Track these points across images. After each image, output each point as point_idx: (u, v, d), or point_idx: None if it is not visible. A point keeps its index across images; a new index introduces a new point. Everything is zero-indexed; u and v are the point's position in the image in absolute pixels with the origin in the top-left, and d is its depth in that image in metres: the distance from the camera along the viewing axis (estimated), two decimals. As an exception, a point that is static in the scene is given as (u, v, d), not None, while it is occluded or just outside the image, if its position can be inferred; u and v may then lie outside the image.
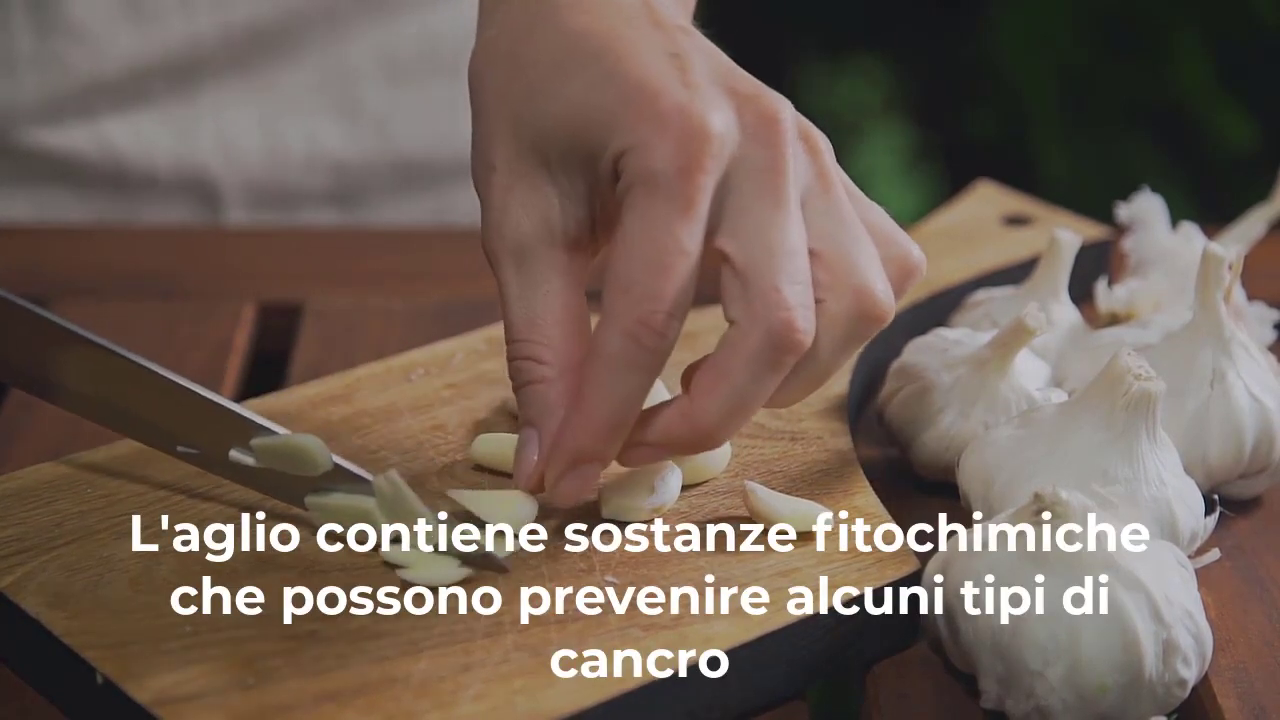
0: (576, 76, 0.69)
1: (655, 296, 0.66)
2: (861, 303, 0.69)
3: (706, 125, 0.67)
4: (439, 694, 0.64)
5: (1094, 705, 0.67)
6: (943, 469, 0.80)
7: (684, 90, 0.67)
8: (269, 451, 0.71)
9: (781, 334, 0.67)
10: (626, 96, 0.67)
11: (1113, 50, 2.06)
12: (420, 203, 1.14)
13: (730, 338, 0.67)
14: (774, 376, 0.68)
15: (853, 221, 0.69)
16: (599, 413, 0.68)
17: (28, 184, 1.08)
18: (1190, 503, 0.74)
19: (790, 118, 0.69)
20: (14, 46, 1.06)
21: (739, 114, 0.68)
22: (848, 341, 0.69)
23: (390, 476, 0.70)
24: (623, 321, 0.66)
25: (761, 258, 0.67)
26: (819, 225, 0.69)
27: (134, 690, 0.64)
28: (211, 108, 1.09)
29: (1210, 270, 0.78)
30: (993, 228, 0.97)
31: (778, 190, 0.68)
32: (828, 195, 0.69)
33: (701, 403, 0.68)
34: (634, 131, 0.67)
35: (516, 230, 0.70)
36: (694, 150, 0.66)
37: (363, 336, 0.93)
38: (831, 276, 0.68)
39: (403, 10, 1.11)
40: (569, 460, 0.69)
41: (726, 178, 0.67)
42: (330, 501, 0.71)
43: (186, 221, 1.11)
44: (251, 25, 1.08)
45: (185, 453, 0.73)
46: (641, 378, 0.67)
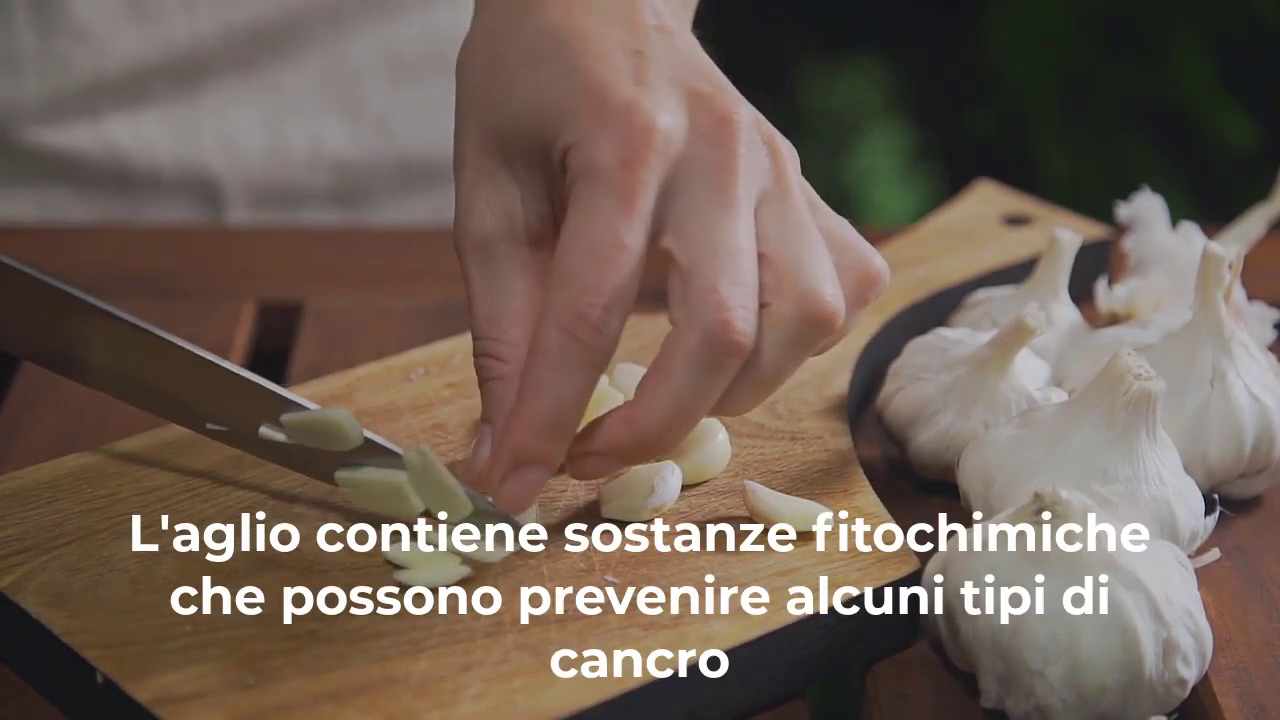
0: (537, 71, 0.69)
1: (592, 289, 0.65)
2: (807, 306, 0.67)
3: (650, 120, 0.66)
4: (439, 693, 0.64)
5: (1094, 705, 0.67)
6: (943, 469, 0.80)
7: (634, 87, 0.67)
8: (299, 427, 0.71)
9: (719, 334, 0.65)
10: (578, 91, 0.67)
11: (1113, 50, 2.06)
12: (422, 202, 1.14)
13: (670, 339, 0.67)
14: (715, 379, 0.66)
15: (806, 227, 0.68)
16: (538, 410, 0.66)
17: (30, 183, 1.08)
18: (1190, 502, 0.74)
19: (746, 118, 0.68)
20: (17, 45, 1.06)
21: (692, 113, 0.67)
22: (794, 346, 0.68)
23: (421, 450, 0.70)
24: (560, 316, 0.65)
25: (704, 258, 0.66)
26: (771, 229, 0.68)
27: (134, 690, 0.64)
28: (214, 107, 1.09)
29: (1210, 270, 0.78)
30: (993, 227, 0.97)
31: (726, 190, 0.67)
32: (783, 200, 0.69)
33: (643, 406, 0.67)
34: (580, 125, 0.67)
35: (481, 227, 0.70)
36: (636, 144, 0.66)
37: (363, 336, 0.93)
38: (778, 280, 0.67)
39: (405, 10, 1.11)
40: (510, 460, 0.67)
41: (675, 177, 0.67)
42: (361, 476, 0.71)
43: (188, 221, 1.11)
44: (254, 25, 1.08)
45: (214, 430, 0.73)
46: (580, 375, 0.66)
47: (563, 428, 0.67)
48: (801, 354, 0.68)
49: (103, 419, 0.85)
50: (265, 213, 1.12)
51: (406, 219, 1.14)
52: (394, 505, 0.71)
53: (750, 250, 0.67)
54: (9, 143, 1.08)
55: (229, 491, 0.74)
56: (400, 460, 0.71)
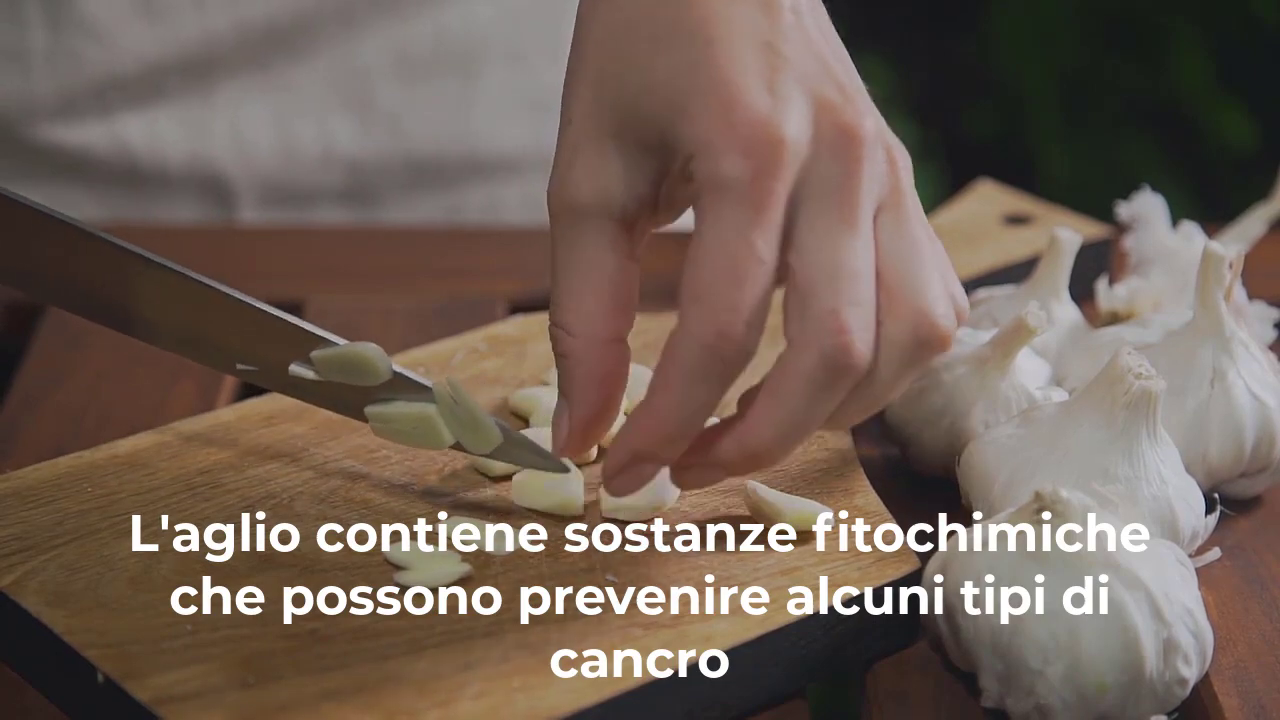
0: (666, 54, 0.67)
1: (733, 307, 0.64)
2: (920, 329, 0.67)
3: (780, 133, 0.65)
4: (439, 693, 0.64)
5: (1094, 704, 0.67)
6: (943, 469, 0.80)
7: (764, 95, 0.65)
8: (329, 363, 0.72)
9: (837, 358, 0.65)
10: (707, 91, 0.66)
11: (1113, 50, 2.06)
12: (432, 201, 1.14)
13: (786, 359, 0.66)
14: (829, 399, 0.66)
15: (919, 241, 0.68)
16: (667, 419, 0.66)
17: (41, 180, 1.08)
18: (1191, 501, 0.74)
19: (871, 130, 0.67)
20: (28, 42, 1.06)
21: (817, 123, 0.66)
22: (906, 366, 0.67)
23: (452, 381, 0.71)
24: (700, 332, 0.65)
25: (823, 279, 0.65)
26: (886, 242, 0.67)
27: (134, 689, 0.64)
28: (226, 105, 1.09)
29: (1211, 269, 0.78)
30: (993, 226, 0.97)
31: (849, 208, 0.66)
32: (898, 211, 0.68)
33: (756, 424, 0.66)
34: (706, 133, 0.65)
35: (576, 193, 0.68)
36: (766, 157, 0.65)
37: (363, 336, 0.93)
38: (891, 299, 0.67)
39: (416, 9, 1.11)
40: (629, 456, 0.67)
41: (799, 189, 0.66)
42: (391, 410, 0.72)
43: (196, 220, 1.11)
44: (266, 23, 1.07)
45: (244, 370, 0.73)
46: (715, 387, 0.66)
47: (688, 436, 0.67)
48: (912, 373, 0.68)
49: (103, 419, 0.85)
50: (275, 211, 1.12)
51: (417, 218, 1.14)
52: (425, 437, 0.72)
53: (869, 270, 0.66)
54: (20, 140, 1.08)
55: (229, 491, 0.74)
56: (430, 394, 0.71)
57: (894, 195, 0.68)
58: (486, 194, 1.15)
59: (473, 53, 1.12)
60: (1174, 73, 2.00)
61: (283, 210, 1.12)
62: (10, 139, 1.07)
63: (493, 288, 0.97)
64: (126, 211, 1.10)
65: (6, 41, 1.05)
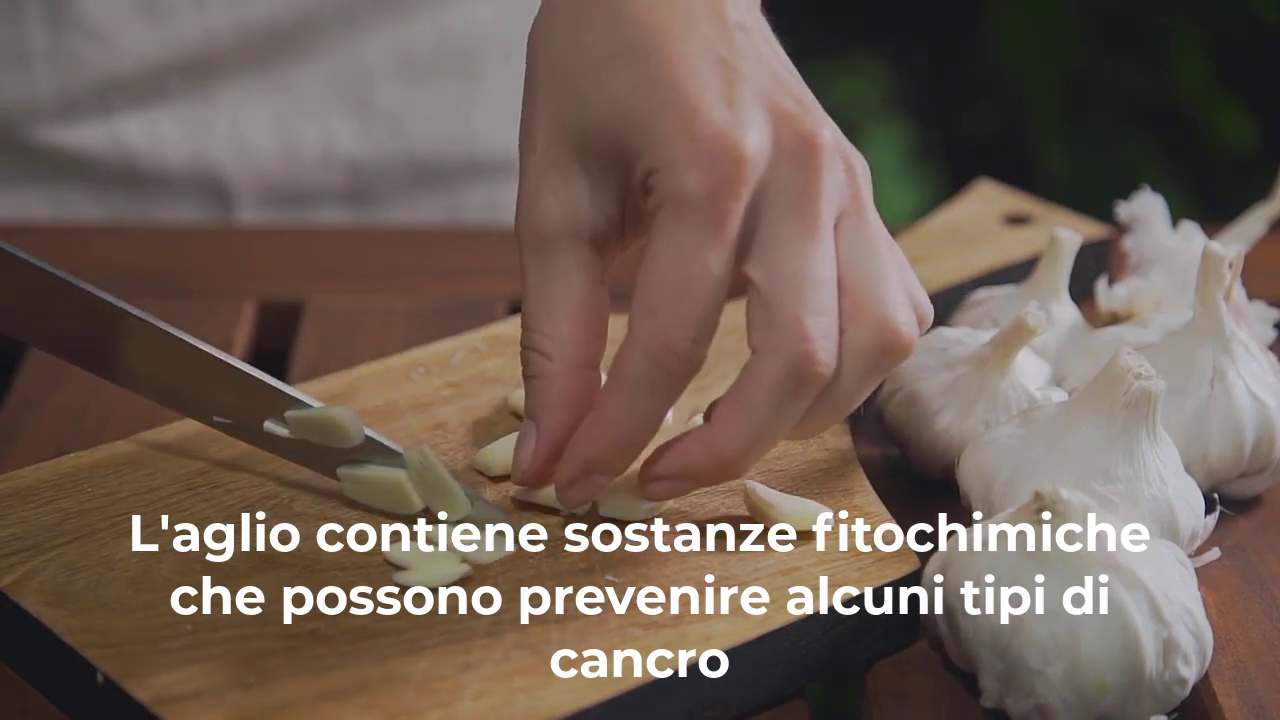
0: (623, 73, 0.67)
1: (681, 322, 0.65)
2: (883, 337, 0.68)
3: (740, 149, 0.65)
4: (439, 692, 0.64)
5: (1094, 704, 0.67)
6: (943, 469, 0.80)
7: (724, 110, 0.66)
8: (302, 424, 0.72)
9: (802, 366, 0.66)
10: (666, 107, 0.66)
11: (1113, 50, 2.06)
12: (434, 201, 1.14)
13: (751, 367, 0.67)
14: (795, 407, 0.67)
15: (882, 250, 0.68)
16: (616, 429, 0.67)
17: (41, 182, 1.08)
18: (1191, 501, 0.74)
19: (829, 139, 0.67)
20: (28, 43, 1.06)
21: (776, 134, 0.67)
22: (869, 373, 0.68)
23: (422, 450, 0.71)
24: (646, 344, 0.66)
25: (787, 287, 0.66)
26: (847, 250, 0.68)
27: (134, 689, 0.64)
28: (226, 106, 1.09)
29: (1211, 269, 0.78)
30: (993, 227, 0.97)
31: (810, 217, 0.67)
32: (859, 219, 0.68)
33: (722, 432, 0.67)
34: (667, 148, 0.66)
35: (545, 218, 0.69)
36: (726, 174, 0.65)
37: (363, 336, 0.93)
38: (854, 307, 0.67)
39: (417, 9, 1.11)
40: (580, 468, 0.69)
41: (758, 199, 0.66)
42: (362, 474, 0.72)
43: (195, 220, 1.11)
44: (267, 23, 1.07)
45: (221, 423, 0.74)
46: (662, 399, 0.67)
47: (637, 445, 0.68)
48: (875, 380, 0.69)
49: (103, 419, 0.85)
50: (276, 212, 1.12)
51: (418, 219, 1.14)
52: (395, 502, 0.72)
53: (831, 278, 0.67)
54: (21, 141, 1.08)
55: (229, 491, 0.74)
56: (401, 459, 0.72)
57: (854, 203, 0.68)
58: (487, 194, 1.15)
59: (474, 53, 1.12)
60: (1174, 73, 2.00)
61: (283, 211, 1.12)
62: (10, 139, 1.07)
63: (493, 288, 0.97)
64: (126, 212, 1.10)
65: (6, 42, 1.05)
